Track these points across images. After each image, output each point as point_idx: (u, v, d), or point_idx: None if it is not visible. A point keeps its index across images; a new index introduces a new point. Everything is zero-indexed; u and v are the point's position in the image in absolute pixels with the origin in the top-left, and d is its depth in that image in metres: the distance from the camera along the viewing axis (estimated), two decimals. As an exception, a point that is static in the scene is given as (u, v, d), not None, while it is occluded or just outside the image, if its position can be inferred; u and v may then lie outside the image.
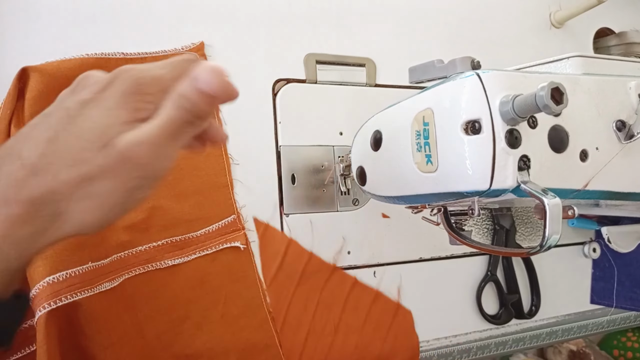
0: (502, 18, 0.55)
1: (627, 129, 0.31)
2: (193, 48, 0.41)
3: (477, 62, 0.29)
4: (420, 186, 0.30)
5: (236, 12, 0.43)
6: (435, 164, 0.28)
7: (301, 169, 0.44)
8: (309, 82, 0.45)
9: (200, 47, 0.41)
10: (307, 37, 0.45)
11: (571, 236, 0.56)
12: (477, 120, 0.26)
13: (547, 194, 0.24)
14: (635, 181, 0.32)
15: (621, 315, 0.60)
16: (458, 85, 0.27)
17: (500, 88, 0.26)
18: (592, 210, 0.44)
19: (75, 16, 0.38)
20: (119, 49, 0.39)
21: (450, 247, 0.49)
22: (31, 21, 0.36)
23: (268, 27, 0.44)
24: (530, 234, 0.52)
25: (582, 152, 0.29)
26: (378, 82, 0.48)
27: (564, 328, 0.56)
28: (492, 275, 0.51)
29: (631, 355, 0.75)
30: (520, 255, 0.48)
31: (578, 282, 0.57)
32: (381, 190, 0.36)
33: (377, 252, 0.46)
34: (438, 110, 0.28)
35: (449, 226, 0.35)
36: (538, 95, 0.23)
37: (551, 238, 0.24)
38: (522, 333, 0.53)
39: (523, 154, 0.26)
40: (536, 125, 0.27)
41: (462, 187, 0.27)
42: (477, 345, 0.50)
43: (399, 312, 0.46)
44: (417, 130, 0.29)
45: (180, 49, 0.40)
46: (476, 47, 0.52)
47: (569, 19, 0.56)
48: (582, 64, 0.32)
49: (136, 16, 0.39)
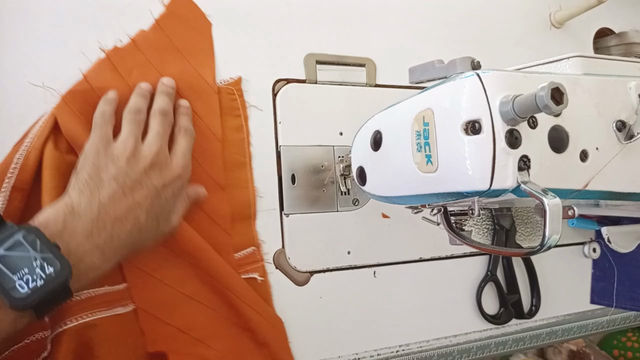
0: (502, 18, 0.55)
1: (627, 129, 0.31)
2: (231, 83, 0.42)
3: (477, 62, 0.29)
4: (420, 186, 0.30)
5: (236, 12, 0.43)
6: (435, 164, 0.28)
7: (301, 169, 0.44)
8: (309, 82, 0.45)
9: (238, 82, 0.42)
10: (307, 37, 0.45)
11: (571, 236, 0.56)
12: (477, 121, 0.26)
13: (547, 194, 0.24)
14: (635, 181, 0.32)
15: (621, 315, 0.60)
16: (458, 85, 0.27)
17: (501, 88, 0.26)
18: (592, 211, 0.44)
19: (76, 16, 0.38)
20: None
21: (450, 247, 0.49)
22: (31, 21, 0.36)
23: (268, 27, 0.44)
24: (531, 234, 0.52)
25: (582, 152, 0.29)
26: (378, 82, 0.48)
27: (564, 328, 0.56)
28: (492, 275, 0.51)
29: (631, 355, 0.75)
30: (521, 255, 0.48)
31: (578, 282, 0.57)
32: (381, 191, 0.36)
33: (377, 252, 0.46)
34: (438, 111, 0.28)
35: (449, 226, 0.35)
36: (538, 96, 0.23)
37: (551, 238, 0.24)
38: (522, 333, 0.53)
39: (523, 154, 0.26)
40: (536, 125, 0.27)
41: (462, 187, 0.27)
42: (477, 345, 0.50)
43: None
44: (417, 130, 0.29)
45: (219, 83, 0.41)
46: (476, 47, 0.52)
47: (569, 19, 0.56)
48: (582, 64, 0.32)
49: (136, 16, 0.39)
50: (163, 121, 0.36)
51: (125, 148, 0.33)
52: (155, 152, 0.34)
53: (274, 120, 0.43)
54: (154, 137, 0.35)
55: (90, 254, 0.30)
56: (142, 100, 0.36)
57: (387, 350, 0.46)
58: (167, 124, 0.36)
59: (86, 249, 0.30)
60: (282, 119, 0.44)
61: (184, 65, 0.40)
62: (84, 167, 0.32)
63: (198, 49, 0.40)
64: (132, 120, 0.35)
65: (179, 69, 0.39)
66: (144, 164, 0.33)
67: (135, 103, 0.36)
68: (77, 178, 0.32)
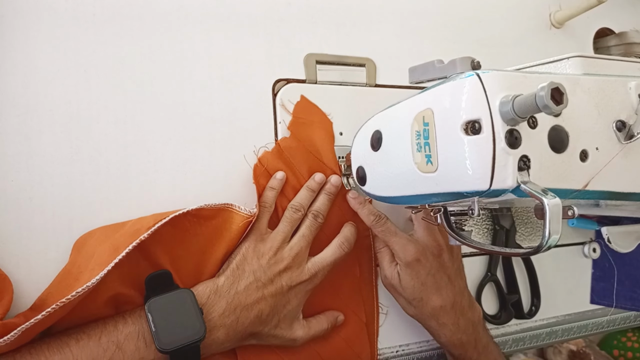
0: (502, 18, 0.55)
1: (627, 129, 0.31)
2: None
3: (477, 62, 0.29)
4: (420, 186, 0.30)
5: (236, 12, 0.43)
6: (435, 164, 0.28)
7: (301, 169, 0.44)
8: (309, 82, 0.45)
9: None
10: (307, 37, 0.45)
11: (571, 236, 0.56)
12: (477, 121, 0.26)
13: (547, 194, 0.24)
14: (635, 181, 0.32)
15: (621, 315, 0.60)
16: (458, 85, 0.27)
17: (500, 88, 0.26)
18: (592, 211, 0.44)
19: (75, 16, 0.38)
20: (119, 49, 0.39)
21: (450, 247, 0.49)
22: (31, 21, 0.36)
23: (268, 27, 0.44)
24: (531, 234, 0.52)
25: (582, 153, 0.29)
26: (378, 82, 0.48)
27: (563, 328, 0.56)
28: (492, 276, 0.51)
29: (631, 355, 0.75)
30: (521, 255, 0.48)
31: (578, 282, 0.57)
32: (381, 191, 0.36)
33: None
34: (438, 111, 0.28)
35: (449, 226, 0.35)
36: (538, 96, 0.22)
37: (551, 238, 0.24)
38: (522, 333, 0.53)
39: (523, 154, 0.26)
40: (536, 125, 0.27)
41: (462, 187, 0.27)
42: (477, 345, 0.50)
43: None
44: (417, 130, 0.29)
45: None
46: (476, 47, 0.52)
47: (569, 19, 0.56)
48: (582, 64, 0.32)
49: (137, 16, 0.39)
50: (312, 224, 0.40)
51: (272, 247, 0.38)
52: (294, 256, 0.38)
53: (274, 120, 0.43)
54: (299, 239, 0.39)
55: (218, 330, 0.34)
56: (309, 194, 0.41)
57: (387, 350, 0.46)
58: (316, 226, 0.40)
59: (216, 324, 0.34)
60: (282, 119, 0.44)
61: (318, 165, 0.42)
62: (237, 254, 0.38)
63: (325, 148, 0.43)
64: (289, 218, 0.40)
65: (315, 168, 0.42)
66: (280, 267, 0.38)
67: (301, 198, 0.40)
68: (230, 263, 0.38)
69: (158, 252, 0.35)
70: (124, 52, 0.39)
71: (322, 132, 0.44)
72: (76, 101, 0.37)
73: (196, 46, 0.41)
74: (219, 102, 0.41)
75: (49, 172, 0.36)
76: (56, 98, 0.37)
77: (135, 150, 0.38)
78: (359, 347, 0.43)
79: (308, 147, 0.43)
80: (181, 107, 0.40)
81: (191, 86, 0.41)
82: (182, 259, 0.37)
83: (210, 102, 0.41)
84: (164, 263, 0.36)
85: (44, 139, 0.36)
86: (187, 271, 0.37)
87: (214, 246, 0.38)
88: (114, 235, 0.34)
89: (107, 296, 0.33)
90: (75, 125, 0.37)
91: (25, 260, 0.35)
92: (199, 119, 0.41)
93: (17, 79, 0.36)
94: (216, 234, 0.38)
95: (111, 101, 0.38)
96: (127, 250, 0.32)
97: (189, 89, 0.41)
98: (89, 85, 0.38)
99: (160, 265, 0.35)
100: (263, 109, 0.43)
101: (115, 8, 0.39)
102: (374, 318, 0.45)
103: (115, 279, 0.33)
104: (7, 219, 0.35)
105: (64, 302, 0.29)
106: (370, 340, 0.44)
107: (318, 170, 0.42)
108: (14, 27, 0.36)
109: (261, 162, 0.41)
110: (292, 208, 0.40)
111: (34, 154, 0.36)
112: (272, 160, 0.41)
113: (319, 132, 0.43)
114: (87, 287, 0.30)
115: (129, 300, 0.35)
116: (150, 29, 0.40)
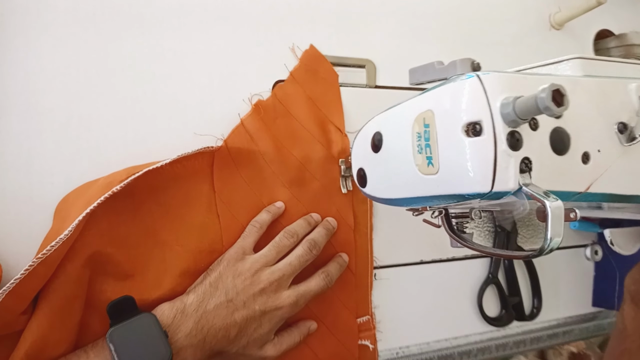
0: (501, 19, 0.55)
1: (628, 131, 0.30)
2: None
3: (477, 64, 0.29)
4: (421, 188, 0.30)
5: (236, 12, 0.43)
6: (436, 166, 0.28)
7: (301, 171, 0.44)
8: (309, 83, 0.45)
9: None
10: (307, 38, 0.45)
11: (573, 239, 0.56)
12: (477, 122, 0.26)
13: (549, 197, 0.24)
14: (637, 183, 0.31)
15: (622, 318, 0.59)
16: (458, 86, 0.27)
17: (501, 90, 0.26)
18: (594, 213, 0.44)
19: (76, 15, 0.38)
20: (119, 49, 0.39)
21: (451, 249, 0.48)
22: (31, 21, 0.36)
23: (268, 27, 0.44)
24: (532, 237, 0.52)
25: (584, 155, 0.29)
26: (378, 83, 0.48)
27: (565, 330, 0.55)
28: (493, 278, 0.51)
29: (632, 358, 0.75)
30: (522, 258, 0.48)
31: (580, 284, 0.57)
32: (382, 192, 0.35)
33: (378, 255, 0.46)
34: (438, 112, 0.28)
35: (450, 228, 0.34)
36: (539, 97, 0.22)
37: (553, 241, 0.24)
38: (523, 335, 0.53)
39: (524, 156, 0.26)
40: (537, 127, 0.27)
41: (464, 189, 0.27)
42: (477, 347, 0.50)
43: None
44: (418, 132, 0.29)
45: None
46: (476, 48, 0.52)
47: (568, 20, 0.56)
48: (582, 66, 0.32)
49: (137, 16, 0.39)
50: (304, 256, 0.38)
51: (251, 268, 0.36)
52: (272, 281, 0.37)
53: (274, 122, 0.43)
54: (284, 265, 0.37)
55: (185, 350, 0.33)
56: (305, 225, 0.40)
57: (387, 352, 0.46)
58: (307, 259, 0.39)
59: (183, 344, 0.33)
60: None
61: (317, 113, 0.43)
62: (214, 270, 0.37)
63: (328, 99, 0.43)
64: (278, 243, 0.38)
65: (313, 116, 0.43)
66: (255, 289, 0.36)
67: (297, 226, 0.40)
68: (205, 278, 0.37)
69: (136, 202, 0.36)
70: (124, 52, 0.39)
71: (327, 83, 0.44)
72: (76, 101, 0.37)
73: (196, 46, 0.41)
74: (219, 102, 0.41)
75: (49, 172, 0.36)
76: (56, 98, 0.37)
77: (135, 149, 0.38)
78: (350, 342, 0.43)
79: (310, 94, 0.43)
80: (181, 107, 0.40)
81: (191, 86, 0.41)
82: (166, 205, 0.37)
83: (211, 102, 0.41)
84: (149, 210, 0.36)
85: (44, 139, 0.36)
86: (173, 217, 0.37)
87: (197, 185, 0.38)
88: (87, 192, 0.34)
89: (86, 255, 0.33)
90: (75, 125, 0.37)
91: (25, 260, 0.34)
92: (199, 119, 0.41)
93: (17, 79, 0.36)
94: (194, 174, 0.38)
95: (111, 100, 0.38)
96: (98, 201, 0.32)
97: (189, 89, 0.41)
98: (89, 84, 0.38)
99: (144, 215, 0.36)
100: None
101: (116, 7, 0.39)
102: (368, 272, 0.45)
103: (94, 235, 0.34)
104: (7, 219, 0.35)
105: (41, 257, 0.29)
106: (363, 294, 0.44)
107: (317, 120, 0.42)
108: (14, 27, 0.36)
109: (255, 111, 0.41)
110: (285, 233, 0.39)
111: (34, 154, 0.36)
112: (268, 110, 0.41)
113: (323, 82, 0.44)
114: (61, 240, 0.30)
115: (109, 259, 0.35)
116: (150, 29, 0.40)
